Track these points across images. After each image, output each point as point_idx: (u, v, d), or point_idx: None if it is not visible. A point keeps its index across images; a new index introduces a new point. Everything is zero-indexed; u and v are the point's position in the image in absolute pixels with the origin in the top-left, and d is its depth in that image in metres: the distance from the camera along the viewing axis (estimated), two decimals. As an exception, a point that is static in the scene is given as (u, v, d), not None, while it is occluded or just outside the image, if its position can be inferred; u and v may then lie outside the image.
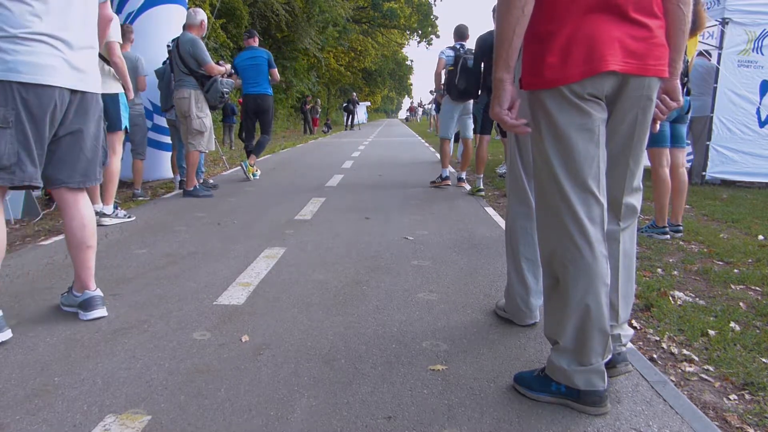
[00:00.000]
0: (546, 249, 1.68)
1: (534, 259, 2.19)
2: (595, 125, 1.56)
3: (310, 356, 2.03)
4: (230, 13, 18.77)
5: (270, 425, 1.59)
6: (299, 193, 5.99)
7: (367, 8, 37.15)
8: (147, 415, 1.62)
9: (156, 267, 3.17)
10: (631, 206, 1.74)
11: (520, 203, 2.20)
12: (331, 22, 27.41)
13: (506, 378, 1.86)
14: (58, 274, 3.04)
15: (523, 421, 1.61)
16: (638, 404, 1.71)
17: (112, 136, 4.30)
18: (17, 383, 1.82)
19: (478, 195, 5.85)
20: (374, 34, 40.68)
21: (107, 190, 4.36)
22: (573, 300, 1.59)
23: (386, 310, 2.49)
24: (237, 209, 5.04)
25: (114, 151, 4.34)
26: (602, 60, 1.50)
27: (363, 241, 3.80)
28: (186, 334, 2.22)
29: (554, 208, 1.61)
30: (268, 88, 6.93)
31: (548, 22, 1.54)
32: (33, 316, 2.40)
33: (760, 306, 2.58)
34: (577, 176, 1.57)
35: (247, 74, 6.87)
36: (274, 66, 6.88)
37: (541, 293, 2.18)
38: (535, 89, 1.60)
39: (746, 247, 3.62)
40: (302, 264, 3.24)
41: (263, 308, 2.52)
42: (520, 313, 2.27)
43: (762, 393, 1.81)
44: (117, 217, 4.41)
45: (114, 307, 2.52)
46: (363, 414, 1.64)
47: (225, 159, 9.32)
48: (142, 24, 6.41)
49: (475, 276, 3.01)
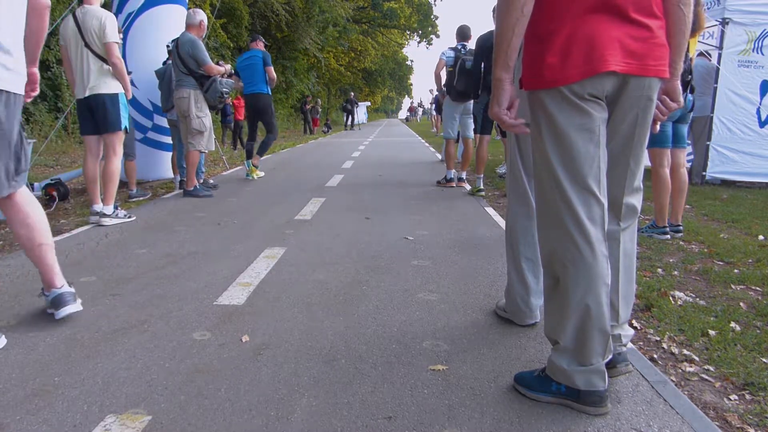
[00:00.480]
0: (546, 249, 1.68)
1: (534, 258, 2.19)
2: (595, 125, 1.56)
3: (311, 356, 2.03)
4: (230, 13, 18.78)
5: (270, 425, 1.59)
6: (299, 193, 5.99)
7: (367, 8, 37.16)
8: (147, 415, 1.62)
9: (156, 267, 3.17)
10: (631, 206, 1.74)
11: (520, 203, 2.19)
12: (331, 22, 27.42)
13: (506, 378, 1.86)
14: (58, 274, 3.04)
15: (524, 421, 1.61)
16: (638, 404, 1.71)
17: (112, 136, 4.28)
18: (17, 383, 1.82)
19: (479, 195, 5.85)
20: (374, 34, 40.69)
21: (107, 191, 4.34)
22: (573, 300, 1.59)
23: (386, 310, 2.49)
24: (237, 209, 5.04)
25: (114, 151, 4.31)
26: (602, 60, 1.49)
27: (363, 241, 3.79)
28: (186, 334, 2.22)
29: (554, 208, 1.61)
30: (263, 87, 6.96)
31: (548, 22, 1.54)
32: (33, 316, 2.40)
33: (760, 306, 2.58)
34: (578, 176, 1.57)
35: (244, 75, 7.00)
36: (270, 64, 6.91)
37: (541, 293, 2.17)
38: (535, 89, 1.60)
39: (746, 247, 3.62)
40: (302, 264, 3.23)
41: (263, 308, 2.52)
42: (521, 312, 2.27)
43: (762, 393, 1.81)
44: (117, 217, 4.40)
45: (114, 307, 2.52)
46: (363, 414, 1.64)
47: (225, 159, 9.32)
48: (142, 24, 6.41)
49: (475, 276, 3.01)
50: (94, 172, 4.38)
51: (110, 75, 4.22)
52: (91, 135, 4.34)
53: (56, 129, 9.46)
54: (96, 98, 4.18)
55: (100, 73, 4.19)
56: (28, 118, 10.98)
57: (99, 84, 4.18)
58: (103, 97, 4.19)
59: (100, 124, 4.26)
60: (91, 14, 4.10)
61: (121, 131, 4.33)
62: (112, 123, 4.24)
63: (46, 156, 9.02)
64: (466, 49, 5.93)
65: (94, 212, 4.34)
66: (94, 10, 4.12)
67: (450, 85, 5.97)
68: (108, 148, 4.33)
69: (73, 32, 4.14)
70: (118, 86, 4.26)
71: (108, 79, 4.22)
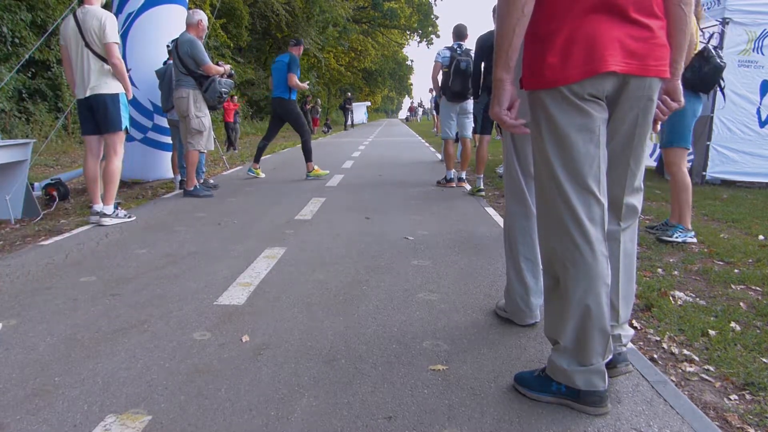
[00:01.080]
0: (546, 249, 1.68)
1: (533, 258, 2.19)
2: (595, 125, 1.56)
3: (311, 356, 2.03)
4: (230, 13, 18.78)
5: (270, 425, 1.59)
6: (299, 193, 5.98)
7: (368, 8, 37.15)
8: (147, 415, 1.62)
9: (156, 267, 3.17)
10: (631, 206, 1.74)
11: (518, 203, 2.20)
12: (332, 22, 27.41)
13: (507, 378, 1.86)
14: (58, 274, 3.04)
15: (524, 421, 1.61)
16: (639, 404, 1.71)
17: (113, 136, 4.29)
18: (17, 383, 1.82)
19: (479, 195, 5.84)
20: (374, 34, 40.66)
21: (108, 191, 4.34)
22: (573, 300, 1.59)
23: (386, 310, 2.49)
24: (237, 209, 5.04)
25: (115, 151, 4.32)
26: (602, 60, 1.49)
27: (363, 241, 3.79)
28: (186, 334, 2.22)
29: (554, 208, 1.61)
30: (284, 92, 7.00)
31: (548, 21, 1.54)
32: (33, 316, 2.40)
33: (760, 306, 2.58)
34: (577, 176, 1.57)
35: (273, 78, 7.09)
36: (292, 70, 6.89)
37: (541, 293, 2.18)
38: (535, 89, 1.60)
39: (746, 247, 3.62)
40: (302, 264, 3.23)
41: (263, 308, 2.52)
42: (520, 312, 2.26)
43: (762, 393, 1.81)
44: (117, 217, 4.40)
45: (114, 307, 2.52)
46: (363, 414, 1.64)
47: (225, 159, 9.32)
48: (143, 24, 6.41)
49: (475, 276, 3.01)
50: (95, 172, 4.38)
51: (111, 75, 4.22)
52: (91, 135, 4.34)
53: (56, 129, 9.45)
54: (96, 98, 4.19)
55: (101, 74, 4.19)
56: (29, 118, 10.99)
57: (99, 84, 4.18)
58: (103, 97, 4.20)
59: (101, 124, 4.26)
60: (92, 14, 4.10)
61: (122, 131, 4.33)
62: (112, 123, 4.25)
63: (46, 156, 9.02)
64: (462, 49, 5.92)
65: (94, 212, 4.34)
66: (94, 10, 4.13)
67: (445, 86, 5.98)
68: (108, 148, 4.33)
69: (73, 32, 4.15)
70: (118, 86, 4.26)
71: (108, 79, 4.22)
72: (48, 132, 9.97)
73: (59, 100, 11.76)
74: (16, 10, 10.81)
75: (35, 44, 9.48)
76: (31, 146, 4.65)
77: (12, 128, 10.31)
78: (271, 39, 25.19)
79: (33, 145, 4.72)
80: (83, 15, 4.12)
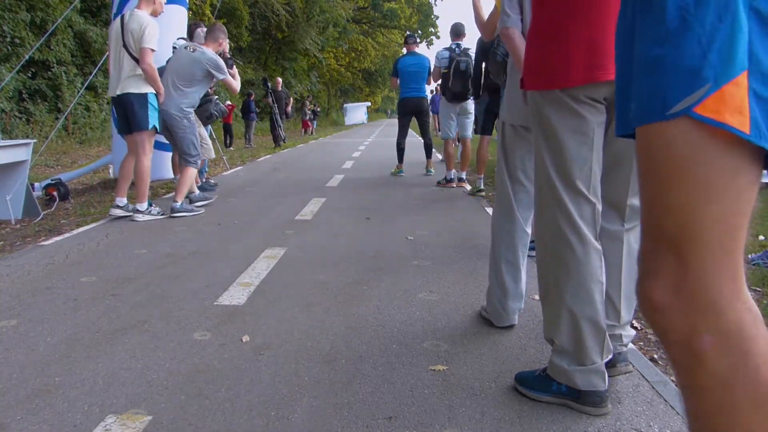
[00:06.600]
0: (541, 248, 1.68)
1: (514, 261, 2.20)
2: (589, 128, 1.56)
3: (311, 356, 2.03)
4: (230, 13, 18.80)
5: (271, 425, 1.58)
6: (300, 193, 5.98)
7: (368, 8, 37.19)
8: (148, 416, 1.62)
9: (156, 267, 3.17)
10: (636, 208, 1.74)
11: (503, 206, 2.22)
12: (332, 22, 27.43)
13: (507, 378, 1.86)
14: (58, 274, 3.04)
15: (524, 421, 1.61)
16: (639, 404, 1.71)
17: (141, 135, 4.37)
18: (18, 383, 1.82)
19: (479, 195, 5.84)
20: (374, 35, 40.69)
21: (139, 189, 4.45)
22: (566, 299, 1.60)
23: (387, 310, 2.49)
24: (237, 209, 5.04)
25: (143, 150, 4.41)
26: (602, 68, 1.49)
27: (363, 241, 3.79)
28: (186, 334, 2.22)
29: (548, 207, 1.62)
30: (424, 91, 7.30)
31: (549, 24, 1.54)
32: (33, 316, 2.40)
33: (760, 306, 2.58)
34: (568, 177, 1.57)
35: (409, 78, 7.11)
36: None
37: (520, 296, 2.23)
38: (534, 90, 1.60)
39: (746, 247, 3.62)
40: (303, 264, 3.23)
41: (264, 308, 2.52)
42: (498, 314, 2.27)
43: (763, 393, 1.81)
44: (150, 214, 4.50)
45: (114, 307, 2.52)
46: (364, 414, 1.64)
47: (225, 159, 9.32)
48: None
49: (475, 276, 3.01)
50: (129, 170, 4.50)
51: (142, 77, 4.31)
52: (127, 134, 4.46)
53: (56, 129, 9.46)
54: (125, 97, 4.30)
55: (133, 75, 4.30)
56: (29, 118, 11.00)
57: (129, 83, 4.29)
58: (130, 96, 4.30)
59: (130, 122, 4.37)
60: (136, 18, 4.27)
61: (150, 130, 4.41)
62: (138, 122, 4.34)
63: (46, 156, 9.02)
64: (461, 49, 5.92)
65: (116, 205, 4.48)
66: (140, 15, 4.29)
67: (445, 87, 5.99)
68: (137, 146, 4.43)
69: (116, 32, 4.32)
70: (147, 87, 4.35)
71: (139, 80, 4.32)
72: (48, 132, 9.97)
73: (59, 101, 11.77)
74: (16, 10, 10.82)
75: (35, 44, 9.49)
76: (32, 146, 4.66)
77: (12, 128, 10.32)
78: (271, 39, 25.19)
79: (33, 146, 4.73)
80: (129, 17, 4.28)
